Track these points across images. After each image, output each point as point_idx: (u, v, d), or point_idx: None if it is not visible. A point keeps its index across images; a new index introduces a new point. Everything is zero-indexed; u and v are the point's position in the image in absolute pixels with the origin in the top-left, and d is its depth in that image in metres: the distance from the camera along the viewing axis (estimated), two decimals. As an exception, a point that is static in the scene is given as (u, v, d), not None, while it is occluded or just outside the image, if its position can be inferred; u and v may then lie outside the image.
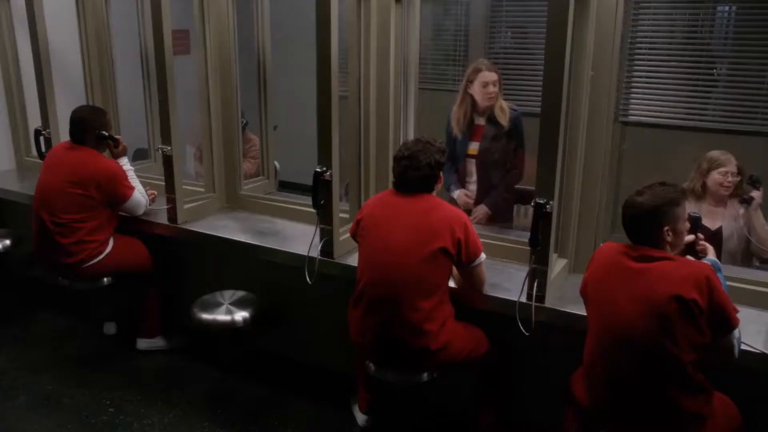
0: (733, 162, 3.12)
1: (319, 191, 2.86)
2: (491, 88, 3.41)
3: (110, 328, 3.88)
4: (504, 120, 3.44)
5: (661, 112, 4.72)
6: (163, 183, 3.55)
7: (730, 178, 3.10)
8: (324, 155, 2.85)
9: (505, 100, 3.51)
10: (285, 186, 4.21)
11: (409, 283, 2.46)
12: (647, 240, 2.12)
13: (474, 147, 3.54)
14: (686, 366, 2.05)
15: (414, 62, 3.14)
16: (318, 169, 2.85)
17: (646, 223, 2.11)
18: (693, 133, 4.67)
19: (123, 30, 4.15)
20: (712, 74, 4.55)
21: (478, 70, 3.43)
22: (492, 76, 3.40)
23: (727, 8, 4.51)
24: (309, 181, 2.87)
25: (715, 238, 3.05)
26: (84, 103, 3.98)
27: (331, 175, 2.85)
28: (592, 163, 2.70)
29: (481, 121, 3.52)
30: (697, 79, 4.57)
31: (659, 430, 2.15)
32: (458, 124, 3.53)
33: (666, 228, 2.11)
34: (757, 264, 3.15)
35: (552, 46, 2.29)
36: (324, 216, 2.93)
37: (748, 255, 3.11)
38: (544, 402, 2.71)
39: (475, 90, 3.44)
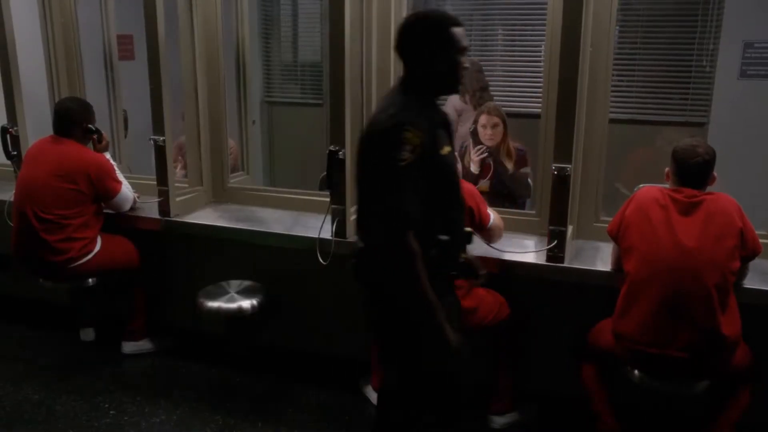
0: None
1: (333, 170, 2.89)
2: (489, 131, 3.63)
3: (88, 334, 3.67)
4: (509, 163, 3.69)
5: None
6: (137, 182, 3.57)
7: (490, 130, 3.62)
8: (337, 134, 2.88)
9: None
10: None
11: None
12: (705, 183, 2.43)
13: (484, 184, 3.72)
14: (730, 287, 2.33)
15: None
16: (332, 148, 2.87)
17: (710, 169, 2.42)
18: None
19: (84, 24, 3.98)
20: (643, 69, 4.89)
21: (481, 113, 3.69)
22: (491, 120, 3.63)
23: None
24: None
25: None
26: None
27: (344, 154, 2.89)
28: (591, 131, 2.90)
29: (489, 160, 3.73)
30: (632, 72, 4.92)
31: (700, 345, 2.34)
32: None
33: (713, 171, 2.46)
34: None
35: (569, 18, 2.48)
36: (336, 196, 2.95)
37: None
38: (558, 363, 2.87)
39: (479, 130, 3.67)
